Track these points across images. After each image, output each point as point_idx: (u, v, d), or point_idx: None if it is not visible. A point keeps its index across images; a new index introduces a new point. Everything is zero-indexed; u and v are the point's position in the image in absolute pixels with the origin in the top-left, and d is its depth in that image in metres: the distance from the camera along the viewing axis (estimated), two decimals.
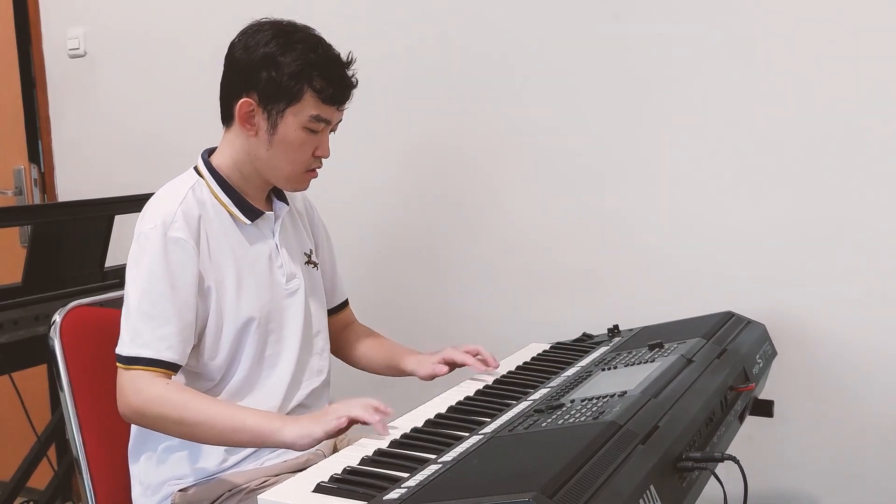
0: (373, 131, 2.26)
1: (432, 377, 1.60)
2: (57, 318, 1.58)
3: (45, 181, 2.91)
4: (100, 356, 1.58)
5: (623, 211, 1.98)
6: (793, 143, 1.80)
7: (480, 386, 1.49)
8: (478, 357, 1.60)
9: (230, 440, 1.39)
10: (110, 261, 2.26)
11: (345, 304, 1.79)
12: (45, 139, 2.89)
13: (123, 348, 1.40)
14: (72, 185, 2.86)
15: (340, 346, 1.76)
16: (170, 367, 1.40)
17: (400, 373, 1.69)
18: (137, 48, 2.64)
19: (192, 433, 1.38)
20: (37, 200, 2.92)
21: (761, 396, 1.65)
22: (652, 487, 0.99)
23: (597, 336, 1.79)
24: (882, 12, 1.70)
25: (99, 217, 2.22)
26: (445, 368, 1.59)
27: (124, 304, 1.43)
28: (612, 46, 1.95)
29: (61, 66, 2.82)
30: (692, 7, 1.86)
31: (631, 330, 1.77)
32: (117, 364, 1.41)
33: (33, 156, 2.92)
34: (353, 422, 1.30)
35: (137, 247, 1.43)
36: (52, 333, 1.57)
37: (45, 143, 2.89)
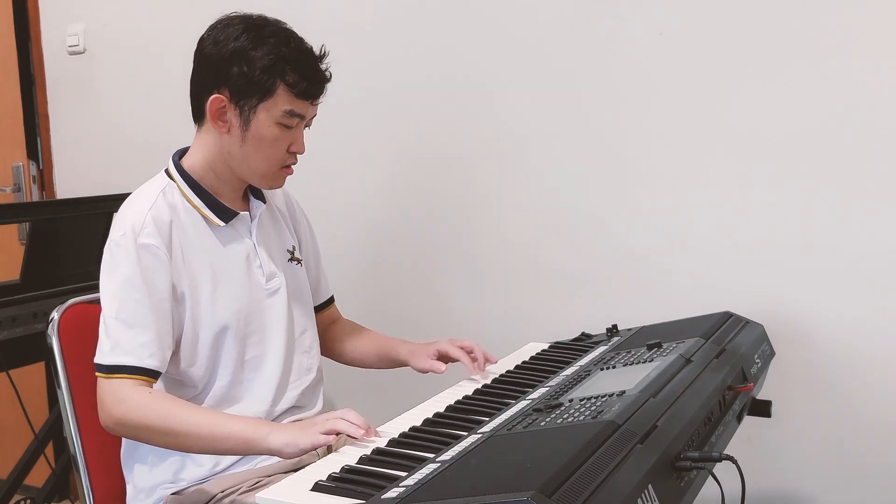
0: (368, 132, 2.26)
1: (427, 371, 1.58)
2: (55, 315, 1.57)
3: (44, 178, 2.91)
4: None
5: (622, 210, 1.98)
6: (791, 144, 1.80)
7: (479, 385, 1.49)
8: (471, 355, 1.58)
9: (217, 448, 1.37)
10: None
11: (330, 301, 1.76)
12: (44, 136, 2.89)
13: (104, 357, 1.38)
14: (70, 182, 2.86)
15: (326, 342, 1.74)
16: (151, 375, 1.38)
17: (393, 363, 1.67)
18: (137, 45, 2.64)
19: (178, 443, 1.36)
20: (35, 197, 2.92)
21: (759, 396, 1.65)
22: (650, 487, 0.99)
23: (595, 336, 1.79)
24: (884, 13, 1.70)
25: (97, 214, 2.22)
26: (444, 367, 1.57)
27: (102, 314, 1.40)
28: (609, 47, 1.95)
29: (60, 63, 2.82)
30: (690, 7, 1.86)
31: (630, 329, 1.77)
32: (97, 374, 1.39)
33: (32, 153, 2.91)
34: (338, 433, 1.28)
35: (109, 255, 1.41)
36: (50, 331, 1.56)
37: (43, 140, 2.89)
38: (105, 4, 2.70)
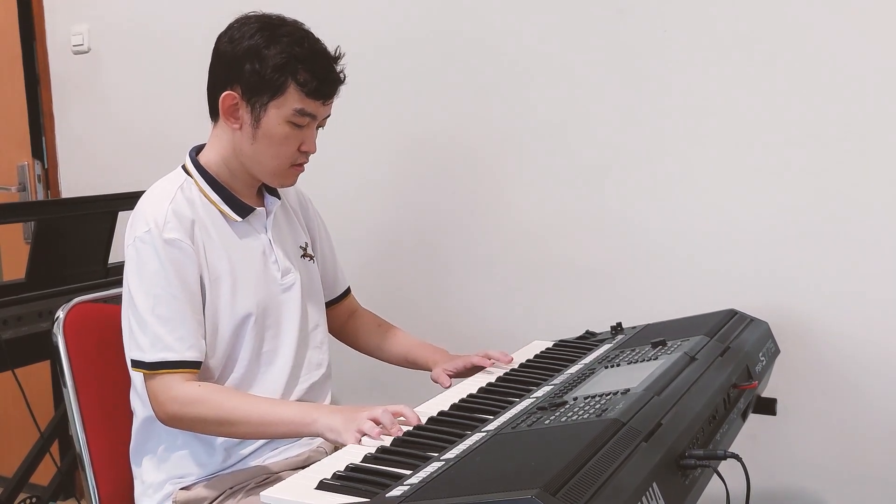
0: (375, 127, 2.26)
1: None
2: (60, 314, 1.58)
3: (49, 177, 2.92)
4: (103, 352, 1.59)
5: (626, 208, 1.98)
6: (796, 141, 1.79)
7: (483, 383, 1.49)
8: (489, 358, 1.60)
9: (269, 434, 1.43)
10: (113, 257, 2.26)
11: (347, 292, 1.79)
12: (49, 135, 2.89)
13: (145, 354, 1.40)
14: (75, 181, 2.87)
15: (348, 334, 1.77)
16: (194, 366, 1.41)
17: (420, 369, 1.69)
18: (141, 44, 2.65)
19: (231, 431, 1.41)
20: (40, 197, 2.93)
21: (764, 394, 1.65)
22: (655, 485, 0.99)
23: (600, 334, 1.79)
24: (886, 11, 1.69)
25: (102, 213, 2.22)
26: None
27: (133, 311, 1.41)
28: (616, 41, 1.95)
29: (65, 63, 2.82)
30: (697, 3, 1.86)
31: (634, 327, 1.77)
32: (141, 371, 1.41)
33: (37, 152, 2.92)
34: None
35: (135, 253, 1.42)
36: (55, 329, 1.57)
37: (48, 140, 2.90)
38: (109, 4, 2.70)
